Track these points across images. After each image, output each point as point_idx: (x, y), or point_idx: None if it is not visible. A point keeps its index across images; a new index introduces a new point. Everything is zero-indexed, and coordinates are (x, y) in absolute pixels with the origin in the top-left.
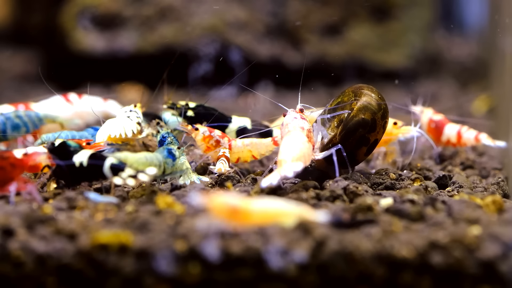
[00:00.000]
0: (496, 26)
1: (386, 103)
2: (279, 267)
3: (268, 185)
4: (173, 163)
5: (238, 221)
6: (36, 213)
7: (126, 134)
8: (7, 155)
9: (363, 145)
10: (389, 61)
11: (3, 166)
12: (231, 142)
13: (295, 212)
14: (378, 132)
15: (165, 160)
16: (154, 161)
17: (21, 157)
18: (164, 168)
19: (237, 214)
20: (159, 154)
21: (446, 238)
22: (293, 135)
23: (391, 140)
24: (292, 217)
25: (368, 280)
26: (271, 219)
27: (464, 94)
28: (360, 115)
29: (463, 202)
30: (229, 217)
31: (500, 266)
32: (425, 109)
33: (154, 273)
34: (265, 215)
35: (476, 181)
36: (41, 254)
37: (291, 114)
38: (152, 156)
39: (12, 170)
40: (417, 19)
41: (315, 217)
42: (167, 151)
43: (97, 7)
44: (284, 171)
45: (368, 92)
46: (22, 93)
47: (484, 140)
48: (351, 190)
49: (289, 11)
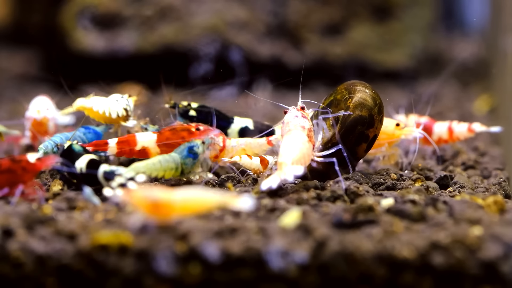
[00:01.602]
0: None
1: (380, 97)
2: (280, 268)
3: (268, 188)
4: (193, 162)
5: (162, 213)
6: (36, 214)
7: (110, 114)
8: (19, 158)
9: (362, 142)
10: (390, 61)
11: (14, 169)
12: (226, 141)
13: (217, 200)
14: (377, 127)
15: (184, 160)
16: (170, 165)
17: (34, 161)
18: (182, 169)
19: (159, 207)
20: (176, 155)
21: (447, 238)
22: (293, 134)
23: (394, 141)
24: (214, 205)
25: (369, 280)
26: (193, 209)
27: (466, 94)
28: (357, 112)
29: (465, 202)
30: (152, 210)
31: (501, 266)
32: (410, 116)
33: (154, 274)
34: (187, 205)
35: (477, 182)
36: (41, 255)
37: (292, 112)
38: (167, 159)
39: (23, 174)
40: (418, 19)
41: (237, 204)
42: (188, 150)
43: (97, 6)
44: (284, 175)
45: (362, 88)
46: (22, 93)
47: (478, 128)
48: (352, 190)
49: (290, 10)
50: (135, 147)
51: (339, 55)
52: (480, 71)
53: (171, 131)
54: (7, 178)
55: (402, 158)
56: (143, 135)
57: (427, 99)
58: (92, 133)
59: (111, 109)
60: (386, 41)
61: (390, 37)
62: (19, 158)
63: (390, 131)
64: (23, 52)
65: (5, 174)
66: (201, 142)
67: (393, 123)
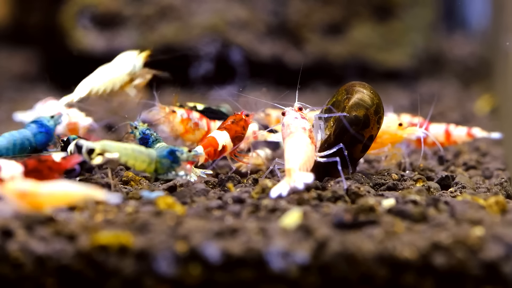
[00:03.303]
0: (499, 25)
1: (379, 98)
2: (281, 268)
3: (278, 195)
4: (170, 164)
5: (32, 204)
6: (36, 214)
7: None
8: (45, 158)
9: (358, 143)
10: (391, 60)
11: (40, 169)
12: (210, 124)
13: (82, 193)
14: (372, 128)
15: (160, 159)
16: (142, 156)
17: (60, 160)
18: (156, 167)
19: (27, 197)
20: (153, 151)
21: (449, 239)
22: (296, 137)
23: (397, 141)
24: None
25: (370, 281)
26: (60, 201)
27: (467, 94)
28: (352, 113)
29: (466, 202)
30: (23, 201)
31: (503, 267)
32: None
33: (154, 274)
34: (53, 197)
35: (479, 182)
36: (41, 255)
37: (291, 113)
38: (141, 150)
39: (49, 174)
40: (419, 19)
41: (103, 197)
42: (169, 151)
43: (97, 6)
44: (294, 183)
45: (360, 89)
46: (22, 92)
47: (478, 134)
48: (353, 190)
49: (290, 10)
50: (218, 148)
51: (340, 55)
52: (481, 71)
53: (233, 124)
54: (34, 177)
55: (405, 158)
56: (219, 134)
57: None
58: (43, 133)
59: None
60: (387, 40)
61: (391, 37)
62: (44, 158)
63: (392, 131)
64: (23, 52)
65: (32, 173)
66: (188, 151)
67: (396, 123)
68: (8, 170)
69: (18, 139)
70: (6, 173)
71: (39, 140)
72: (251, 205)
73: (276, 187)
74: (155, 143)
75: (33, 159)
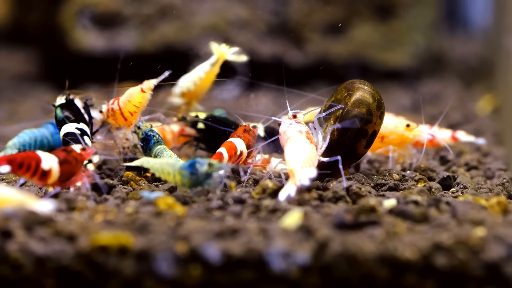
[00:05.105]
0: (501, 25)
1: (380, 94)
2: (281, 269)
3: (286, 198)
4: (190, 176)
5: None
6: (35, 214)
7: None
8: (70, 149)
9: (362, 138)
10: (392, 60)
11: (69, 160)
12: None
13: (16, 199)
14: (375, 123)
15: (181, 171)
16: (167, 169)
17: (80, 151)
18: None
19: None
20: (177, 163)
21: (450, 239)
22: (294, 140)
23: (405, 143)
24: (13, 203)
25: (371, 282)
26: None
27: (469, 94)
28: (355, 109)
29: (468, 203)
30: None
31: (505, 268)
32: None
33: (154, 275)
34: None
35: (480, 182)
36: (40, 256)
37: (285, 121)
38: (169, 162)
39: (76, 165)
40: (421, 18)
41: (36, 206)
42: (190, 163)
43: (97, 5)
44: (299, 181)
45: (361, 86)
46: (21, 92)
47: (463, 138)
48: (354, 191)
49: (291, 9)
50: (237, 152)
51: (341, 54)
52: (483, 71)
53: (246, 133)
54: (66, 168)
55: (413, 159)
56: (237, 141)
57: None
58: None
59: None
60: (389, 40)
61: (393, 37)
62: (70, 148)
63: (400, 132)
64: (22, 51)
65: (65, 165)
66: (209, 164)
67: (404, 124)
68: (47, 161)
69: (39, 137)
70: (45, 164)
71: (56, 140)
72: (251, 206)
73: (283, 190)
74: (156, 145)
75: (61, 151)
